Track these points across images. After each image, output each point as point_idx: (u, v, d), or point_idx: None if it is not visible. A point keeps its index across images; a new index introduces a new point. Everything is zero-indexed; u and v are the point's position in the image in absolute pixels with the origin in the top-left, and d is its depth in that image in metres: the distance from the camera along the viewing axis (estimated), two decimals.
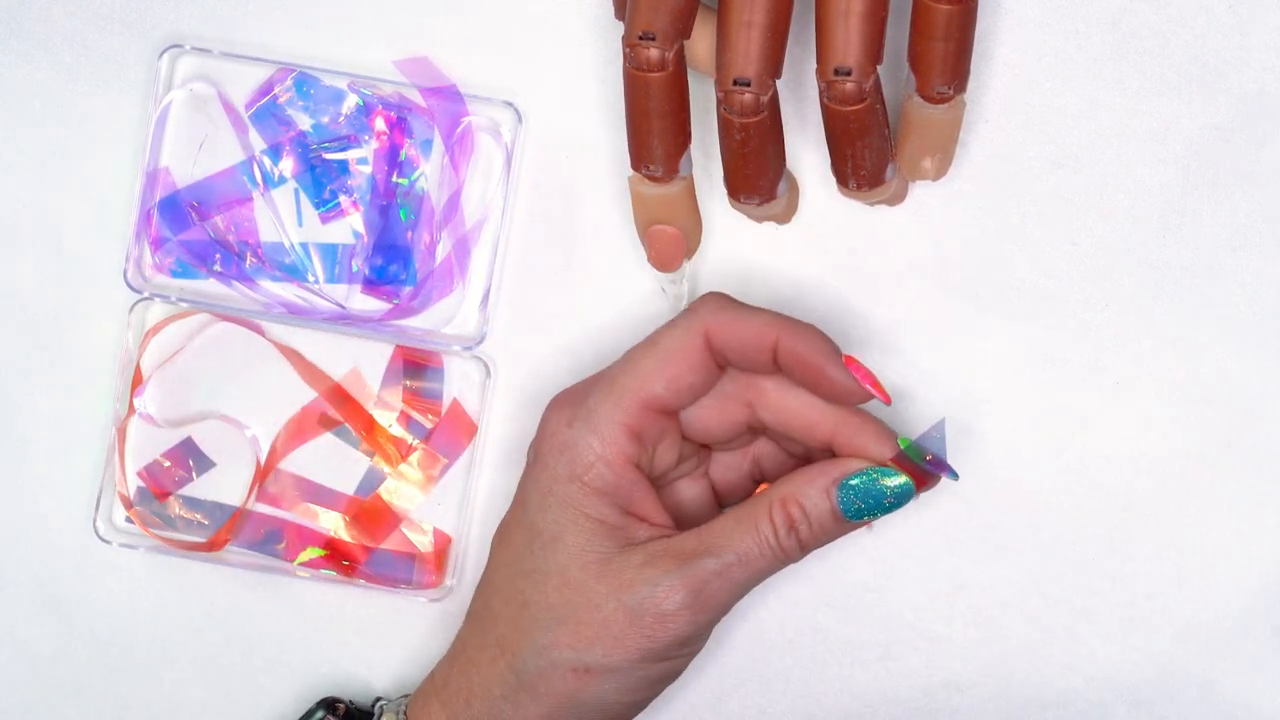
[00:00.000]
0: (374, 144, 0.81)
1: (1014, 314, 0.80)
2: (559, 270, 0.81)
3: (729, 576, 0.72)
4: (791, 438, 0.75)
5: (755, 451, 0.77)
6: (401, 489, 0.81)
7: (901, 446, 0.72)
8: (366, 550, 0.81)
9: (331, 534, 0.81)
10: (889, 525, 0.80)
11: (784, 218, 0.80)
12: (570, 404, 0.74)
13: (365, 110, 0.81)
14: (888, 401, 0.73)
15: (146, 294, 0.81)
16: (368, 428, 0.81)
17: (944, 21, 0.73)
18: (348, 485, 0.82)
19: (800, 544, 0.72)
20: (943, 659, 0.80)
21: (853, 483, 0.72)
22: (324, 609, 0.82)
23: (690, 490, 0.77)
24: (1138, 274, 0.80)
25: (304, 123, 0.81)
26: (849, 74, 0.72)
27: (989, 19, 0.80)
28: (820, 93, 0.73)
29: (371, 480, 0.82)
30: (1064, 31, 0.80)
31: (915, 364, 0.80)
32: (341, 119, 0.81)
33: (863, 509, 0.72)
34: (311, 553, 0.81)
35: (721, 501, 0.78)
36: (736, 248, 0.81)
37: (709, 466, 0.77)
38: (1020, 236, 0.80)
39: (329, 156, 0.81)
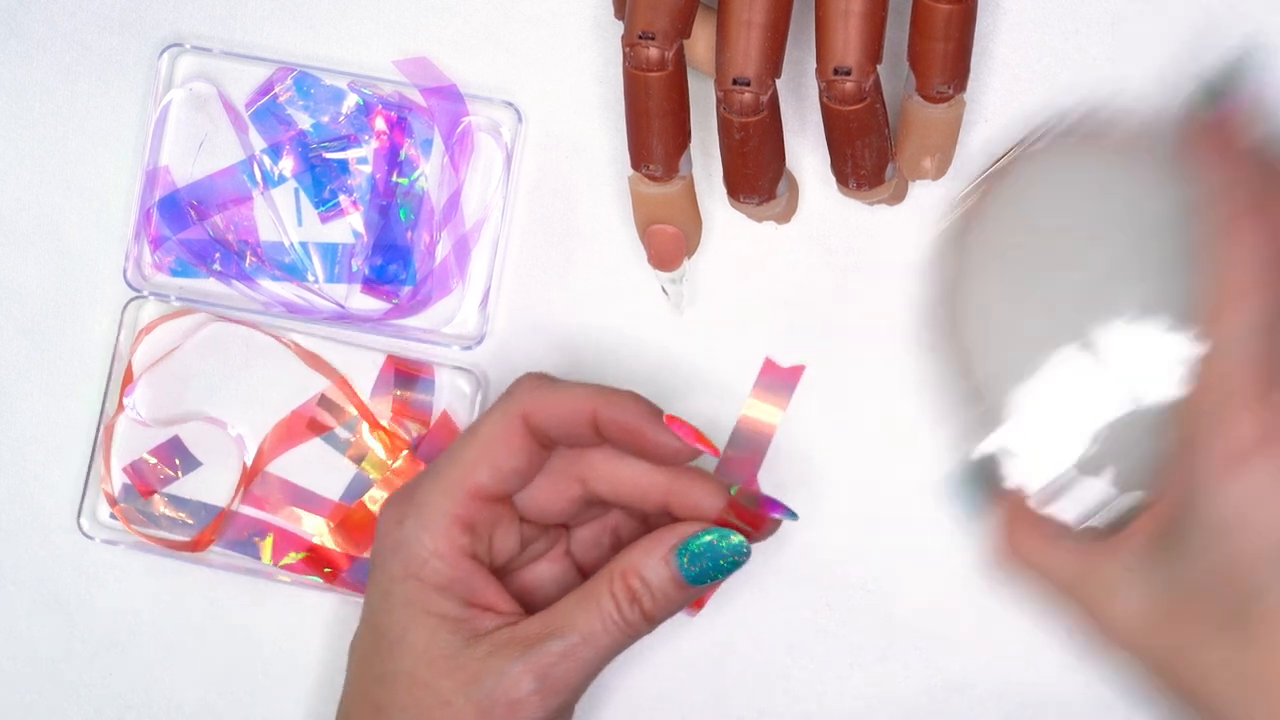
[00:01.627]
0: (374, 143, 0.81)
1: None
2: (559, 270, 0.81)
3: (575, 657, 0.70)
4: (628, 507, 0.74)
5: (612, 523, 0.76)
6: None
7: (732, 494, 0.72)
8: (350, 558, 0.81)
9: (315, 539, 0.81)
10: (889, 525, 0.80)
11: (784, 218, 0.80)
12: (400, 502, 0.73)
13: (365, 110, 0.81)
14: (716, 454, 0.72)
15: (145, 293, 0.81)
16: (368, 418, 0.81)
17: (944, 21, 0.73)
18: (333, 491, 0.82)
19: (645, 616, 0.71)
20: (943, 659, 0.80)
21: (689, 547, 0.71)
22: (307, 612, 0.81)
23: (550, 571, 0.76)
24: None
25: (304, 122, 0.81)
26: (849, 73, 0.72)
27: (989, 19, 0.80)
28: (820, 92, 0.73)
29: (357, 487, 0.81)
30: (1064, 31, 0.80)
31: (915, 364, 0.80)
32: (341, 118, 0.81)
33: (702, 571, 0.71)
34: (293, 557, 0.81)
35: (587, 576, 0.76)
36: (736, 248, 0.81)
37: (570, 545, 0.76)
38: None
39: (329, 156, 0.81)
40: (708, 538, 0.71)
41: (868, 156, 0.75)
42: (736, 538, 0.71)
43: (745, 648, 0.81)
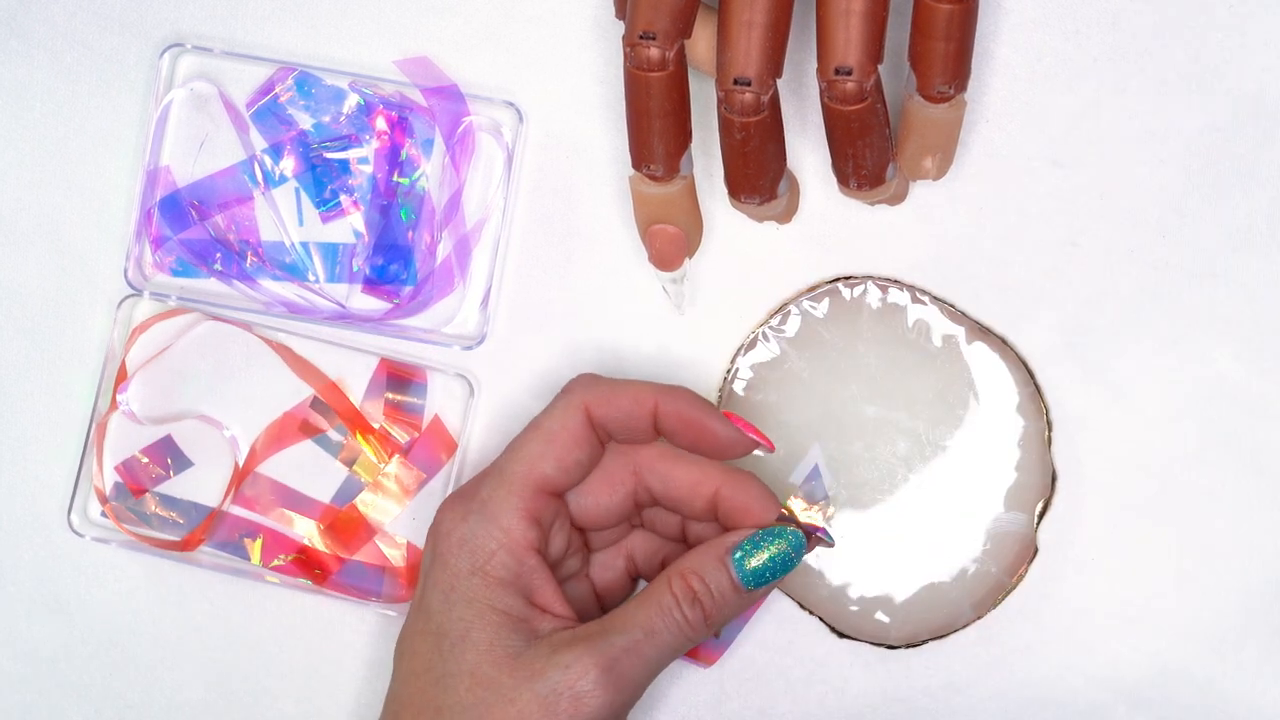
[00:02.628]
0: (375, 143, 0.81)
1: (1014, 314, 0.80)
2: (559, 270, 0.81)
3: (638, 652, 0.72)
4: (677, 505, 0.75)
5: (629, 547, 0.78)
6: (377, 501, 0.81)
7: (785, 507, 0.74)
8: (339, 560, 0.81)
9: (305, 541, 0.81)
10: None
11: (784, 218, 0.80)
12: (462, 501, 0.73)
13: (366, 110, 0.81)
14: (771, 448, 0.74)
15: (143, 292, 0.81)
16: (356, 422, 0.81)
17: (945, 21, 0.73)
18: (324, 494, 0.81)
19: (705, 616, 0.73)
20: (943, 659, 0.80)
21: (746, 550, 0.73)
22: (307, 612, 0.81)
23: (575, 591, 0.77)
24: (1138, 274, 0.80)
25: (305, 122, 0.81)
26: (850, 73, 0.72)
27: (989, 19, 0.80)
28: (821, 92, 0.73)
29: (348, 490, 0.81)
30: (1064, 31, 0.80)
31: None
32: (342, 118, 0.81)
33: (759, 572, 0.73)
34: (282, 559, 0.81)
35: (603, 604, 0.78)
36: (737, 248, 0.81)
37: (589, 569, 0.78)
38: (1020, 236, 0.80)
39: (330, 156, 0.81)
40: (761, 540, 0.73)
41: (868, 156, 0.75)
42: (790, 538, 0.73)
43: (745, 647, 0.81)
